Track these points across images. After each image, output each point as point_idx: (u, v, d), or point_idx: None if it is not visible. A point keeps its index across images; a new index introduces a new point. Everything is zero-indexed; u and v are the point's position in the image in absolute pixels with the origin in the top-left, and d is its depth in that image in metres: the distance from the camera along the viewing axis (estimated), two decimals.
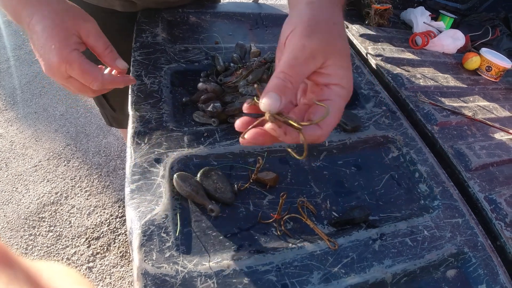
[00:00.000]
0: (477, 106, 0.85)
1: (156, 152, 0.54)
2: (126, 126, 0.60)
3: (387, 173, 0.62)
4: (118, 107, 1.02)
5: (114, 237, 1.53)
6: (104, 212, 1.61)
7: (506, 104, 0.91)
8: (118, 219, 1.59)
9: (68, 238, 1.50)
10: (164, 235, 0.45)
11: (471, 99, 0.88)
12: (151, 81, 0.67)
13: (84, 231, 1.53)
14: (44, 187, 1.67)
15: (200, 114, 0.63)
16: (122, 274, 1.43)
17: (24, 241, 1.48)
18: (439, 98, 0.83)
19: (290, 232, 0.50)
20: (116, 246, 1.50)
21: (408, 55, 0.97)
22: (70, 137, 1.93)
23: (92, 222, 1.57)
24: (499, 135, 0.78)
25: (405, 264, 0.48)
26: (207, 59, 0.76)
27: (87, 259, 1.45)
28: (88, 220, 1.57)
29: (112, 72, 0.58)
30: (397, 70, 0.88)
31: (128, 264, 1.46)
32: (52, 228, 1.53)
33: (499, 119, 0.83)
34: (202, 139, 0.58)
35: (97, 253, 1.47)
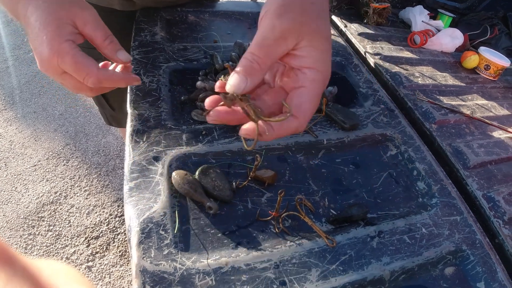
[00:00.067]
0: (476, 105, 0.85)
1: (155, 150, 0.54)
2: (125, 125, 0.60)
3: (385, 171, 0.62)
4: (117, 106, 1.02)
5: (114, 237, 1.53)
6: (104, 212, 1.61)
7: (505, 103, 0.91)
8: (118, 219, 1.59)
9: (68, 238, 1.50)
10: (163, 233, 0.45)
11: (470, 98, 0.88)
12: (150, 80, 0.67)
13: (84, 231, 1.53)
14: (44, 187, 1.67)
15: (199, 113, 0.63)
16: (122, 273, 1.43)
17: (24, 241, 1.48)
18: (438, 97, 0.83)
19: (288, 230, 0.50)
20: (116, 246, 1.50)
21: (407, 54, 0.97)
22: (69, 137, 1.93)
23: (92, 222, 1.57)
24: (498, 133, 0.78)
25: (403, 262, 0.48)
26: (206, 58, 0.77)
27: (87, 258, 1.45)
28: (88, 220, 1.57)
29: (117, 69, 0.52)
30: (396, 69, 0.88)
31: (128, 263, 1.46)
32: (52, 228, 1.53)
33: (498, 118, 0.83)
34: (201, 137, 0.58)
35: (97, 253, 1.47)
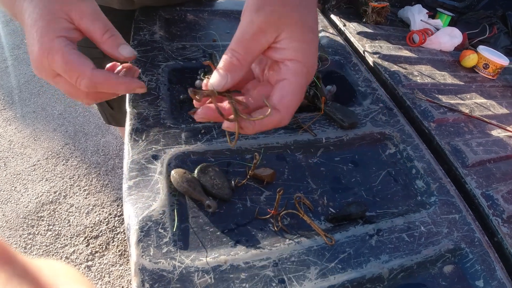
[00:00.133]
0: (474, 103, 0.85)
1: (154, 149, 0.54)
2: (124, 124, 0.60)
3: (384, 170, 0.62)
4: (116, 105, 1.02)
5: (113, 236, 1.53)
6: (103, 211, 1.61)
7: (503, 101, 0.91)
8: (117, 218, 1.59)
9: (67, 237, 1.50)
10: (162, 231, 0.45)
11: (468, 97, 0.88)
12: (149, 79, 0.67)
13: (83, 230, 1.53)
14: (43, 186, 1.67)
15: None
16: (121, 273, 1.43)
17: (23, 240, 1.48)
18: (436, 96, 0.83)
19: (287, 228, 0.50)
20: (115, 245, 1.51)
21: (406, 53, 0.97)
22: (69, 136, 1.93)
23: (91, 221, 1.57)
24: (496, 132, 0.79)
25: (402, 260, 0.48)
26: (205, 57, 0.77)
27: (86, 258, 1.45)
28: (87, 219, 1.57)
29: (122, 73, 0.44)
30: (394, 68, 0.88)
31: (127, 263, 1.46)
32: (51, 227, 1.53)
33: (496, 116, 0.83)
34: (200, 136, 0.58)
35: (96, 252, 1.47)
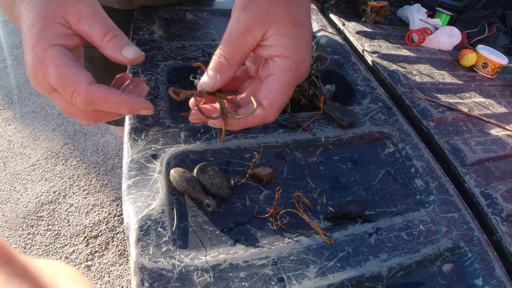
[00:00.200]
0: (473, 102, 0.85)
1: (153, 148, 0.54)
2: (124, 124, 0.60)
3: (383, 169, 0.62)
4: None
5: (113, 236, 1.53)
6: (102, 211, 1.61)
7: (502, 101, 0.91)
8: (116, 218, 1.59)
9: (67, 237, 1.50)
10: (161, 230, 0.45)
11: (467, 96, 0.88)
12: (148, 78, 0.67)
13: (83, 230, 1.53)
14: (42, 186, 1.67)
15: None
16: (121, 272, 1.43)
17: (23, 240, 1.48)
18: (435, 95, 0.83)
19: (286, 227, 0.50)
20: (115, 245, 1.51)
21: (405, 52, 0.97)
22: (68, 136, 1.93)
23: (90, 221, 1.57)
24: (495, 131, 0.79)
25: (401, 258, 0.48)
26: (204, 56, 0.77)
27: (86, 258, 1.45)
28: (86, 219, 1.57)
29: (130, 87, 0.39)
30: (393, 67, 0.88)
31: (127, 262, 1.46)
32: (51, 227, 1.53)
33: (495, 115, 0.84)
34: (199, 135, 0.58)
35: (96, 252, 1.47)
